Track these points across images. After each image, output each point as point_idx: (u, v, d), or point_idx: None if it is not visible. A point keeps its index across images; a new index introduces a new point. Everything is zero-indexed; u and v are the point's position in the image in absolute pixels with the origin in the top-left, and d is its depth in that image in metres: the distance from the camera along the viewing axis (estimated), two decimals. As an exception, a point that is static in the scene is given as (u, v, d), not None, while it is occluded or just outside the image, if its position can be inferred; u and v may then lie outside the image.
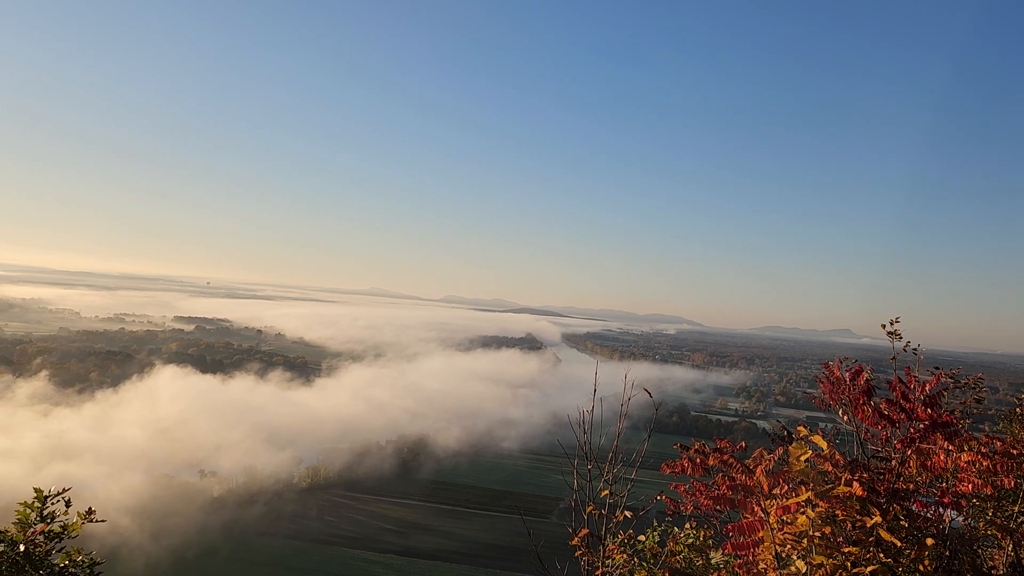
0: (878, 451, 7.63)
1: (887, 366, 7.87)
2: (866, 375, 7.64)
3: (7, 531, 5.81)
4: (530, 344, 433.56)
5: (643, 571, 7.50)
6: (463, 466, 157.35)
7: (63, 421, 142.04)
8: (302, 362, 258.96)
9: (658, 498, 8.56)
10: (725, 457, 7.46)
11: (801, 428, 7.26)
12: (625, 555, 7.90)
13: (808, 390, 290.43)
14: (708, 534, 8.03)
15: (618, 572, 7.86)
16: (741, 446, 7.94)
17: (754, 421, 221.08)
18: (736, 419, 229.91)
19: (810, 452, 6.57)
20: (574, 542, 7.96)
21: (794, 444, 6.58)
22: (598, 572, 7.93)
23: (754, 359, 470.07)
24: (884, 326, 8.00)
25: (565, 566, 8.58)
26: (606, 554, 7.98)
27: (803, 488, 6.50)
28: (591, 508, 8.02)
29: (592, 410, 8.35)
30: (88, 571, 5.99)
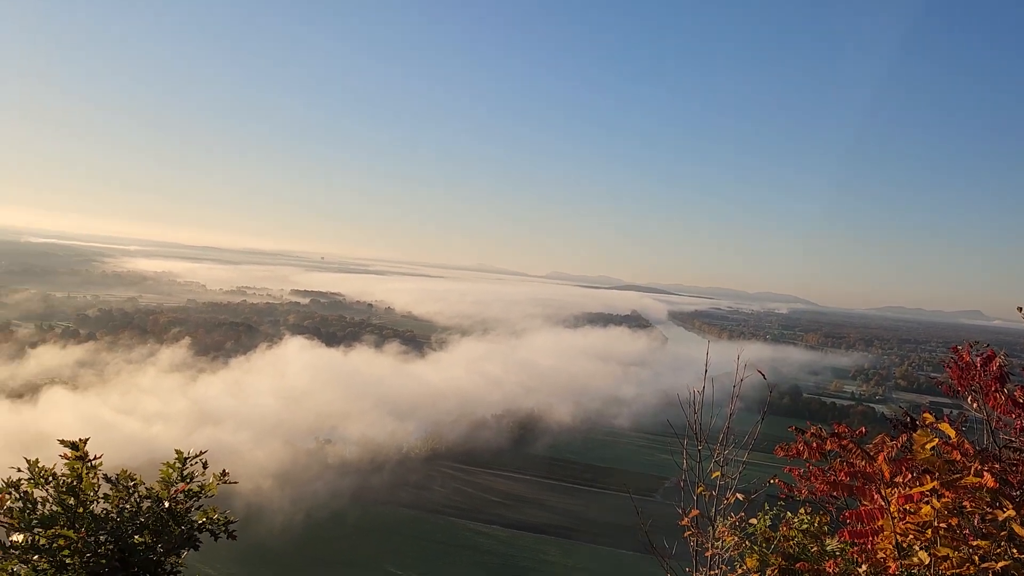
0: (1011, 441, 7.20)
1: (1023, 351, 7.40)
2: (999, 360, 7.21)
3: (153, 488, 6.26)
4: (636, 322, 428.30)
5: (755, 555, 7.40)
6: (576, 442, 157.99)
7: (208, 388, 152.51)
8: (411, 335, 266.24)
9: (771, 481, 8.40)
10: (844, 442, 7.22)
11: (927, 414, 6.94)
12: (736, 537, 7.82)
13: (933, 374, 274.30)
14: (824, 520, 7.81)
15: (728, 554, 7.80)
16: (861, 431, 7.66)
17: (872, 405, 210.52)
18: (852, 403, 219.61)
19: (936, 440, 6.28)
20: (684, 522, 7.94)
21: (919, 431, 6.31)
22: (708, 553, 7.90)
23: (873, 341, 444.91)
24: (1021, 308, 7.51)
25: (673, 545, 8.58)
26: (716, 535, 7.93)
27: (928, 477, 6.23)
28: (701, 488, 7.97)
29: (703, 390, 8.28)
30: (223, 528, 6.38)
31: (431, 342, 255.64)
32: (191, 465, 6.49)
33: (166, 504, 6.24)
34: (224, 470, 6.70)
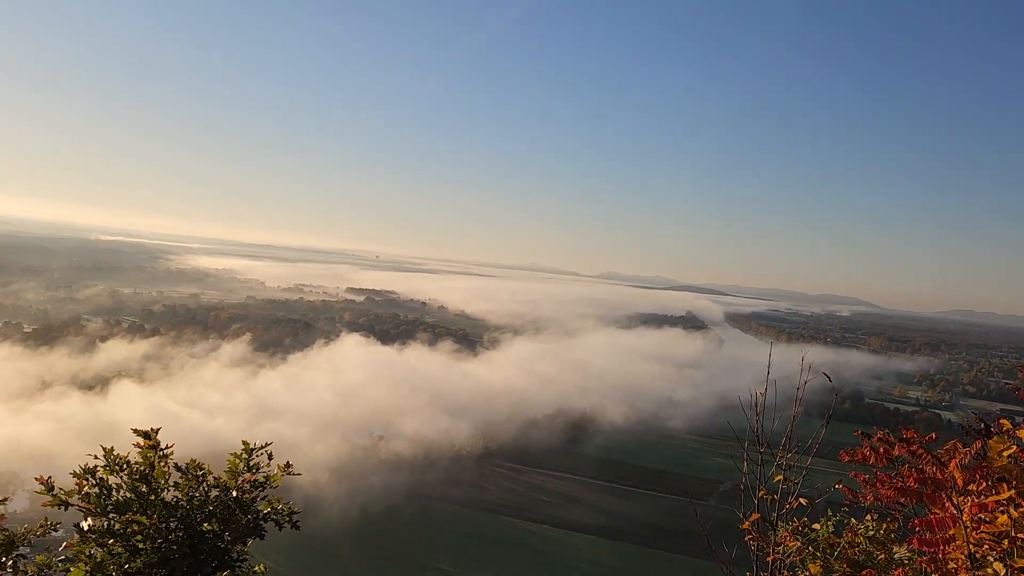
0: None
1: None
2: (1082, 366, 6.88)
3: (220, 478, 6.42)
4: (691, 323, 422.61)
5: (818, 561, 7.22)
6: (629, 444, 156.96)
7: (268, 383, 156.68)
8: (464, 334, 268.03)
9: (836, 487, 8.18)
10: (913, 447, 7.00)
11: (1004, 421, 6.67)
12: (798, 543, 7.62)
13: (1005, 381, 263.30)
14: (891, 527, 7.56)
15: (790, 559, 7.62)
16: (931, 437, 7.40)
17: (938, 412, 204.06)
18: (917, 409, 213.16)
19: (1014, 447, 6.03)
20: (745, 526, 7.78)
21: (995, 438, 6.06)
22: (769, 558, 7.73)
23: (939, 345, 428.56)
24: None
25: (733, 549, 8.43)
26: (777, 540, 7.75)
27: (1004, 485, 5.99)
28: (762, 492, 7.81)
29: (765, 392, 8.12)
30: (287, 518, 6.49)
31: (483, 341, 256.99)
32: (257, 456, 6.62)
33: (233, 493, 6.35)
34: (288, 461, 6.82)
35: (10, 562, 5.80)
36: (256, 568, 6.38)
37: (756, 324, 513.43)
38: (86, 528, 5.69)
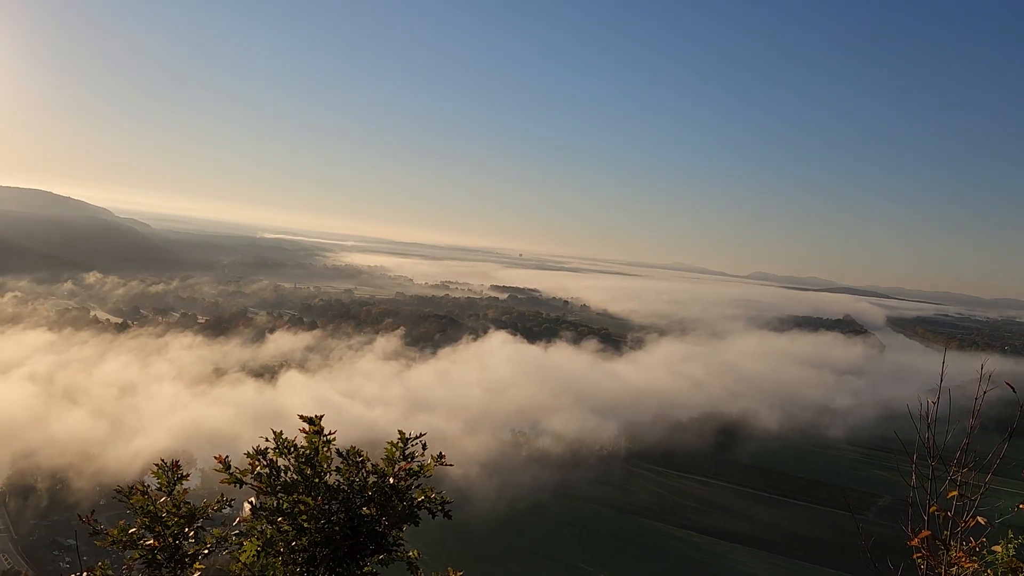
0: None
1: None
2: None
3: (378, 465, 6.80)
4: (850, 327, 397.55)
5: (998, 585, 6.68)
6: (782, 452, 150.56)
7: (420, 376, 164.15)
8: (607, 333, 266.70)
9: (1020, 507, 7.56)
10: (1114, 469, 6.37)
11: None
12: (975, 565, 7.09)
13: None
14: (1086, 555, 6.87)
15: (965, 581, 7.10)
16: None
17: None
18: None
19: None
20: (913, 542, 7.36)
21: None
22: (941, 578, 7.25)
23: None
24: None
25: (899, 568, 7.98)
26: (951, 560, 7.26)
27: None
28: (934, 509, 7.34)
29: (938, 402, 7.62)
30: (440, 508, 6.78)
31: (627, 340, 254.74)
32: (412, 446, 6.92)
33: (390, 480, 6.67)
34: (440, 452, 7.10)
35: (191, 533, 6.41)
36: (411, 553, 6.69)
37: (922, 329, 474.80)
38: (259, 505, 6.21)
